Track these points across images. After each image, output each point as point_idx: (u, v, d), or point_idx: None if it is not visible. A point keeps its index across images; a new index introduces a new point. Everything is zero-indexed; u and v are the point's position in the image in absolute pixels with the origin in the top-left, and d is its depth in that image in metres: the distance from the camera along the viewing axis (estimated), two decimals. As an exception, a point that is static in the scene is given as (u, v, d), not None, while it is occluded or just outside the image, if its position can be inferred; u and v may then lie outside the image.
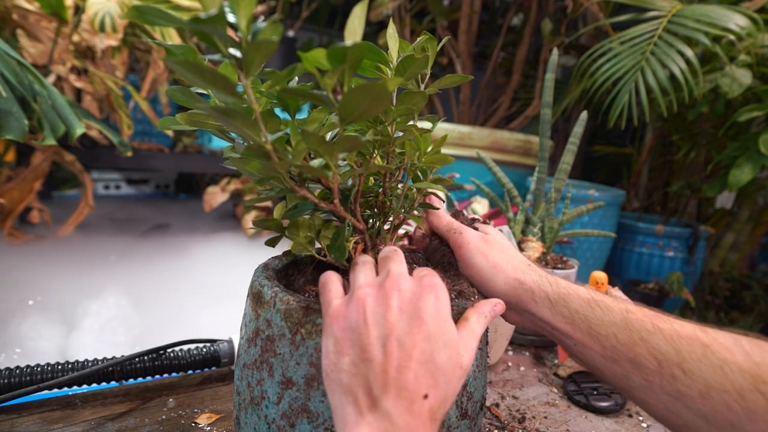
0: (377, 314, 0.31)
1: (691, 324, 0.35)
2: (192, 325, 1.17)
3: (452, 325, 0.32)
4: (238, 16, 0.26)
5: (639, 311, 0.37)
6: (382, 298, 0.31)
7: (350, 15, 0.30)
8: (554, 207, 0.81)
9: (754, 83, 1.41)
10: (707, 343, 0.33)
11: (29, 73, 1.02)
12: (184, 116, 0.37)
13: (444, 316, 0.32)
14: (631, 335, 0.36)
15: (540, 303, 0.40)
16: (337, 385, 0.30)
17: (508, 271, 0.41)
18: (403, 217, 0.46)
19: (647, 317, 0.36)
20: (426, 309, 0.31)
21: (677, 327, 0.35)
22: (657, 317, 0.36)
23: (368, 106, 0.29)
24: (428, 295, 0.32)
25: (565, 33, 2.03)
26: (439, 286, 0.33)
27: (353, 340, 0.30)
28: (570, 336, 0.39)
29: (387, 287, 0.32)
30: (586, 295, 0.39)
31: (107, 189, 2.46)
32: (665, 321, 0.36)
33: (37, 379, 0.53)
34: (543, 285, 0.40)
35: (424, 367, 0.29)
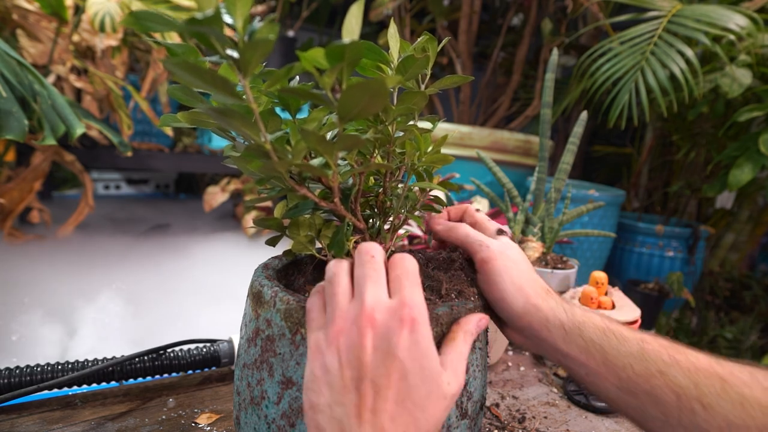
0: (351, 355, 0.29)
1: (705, 355, 0.35)
2: (192, 325, 1.17)
3: (431, 358, 0.30)
4: (235, 17, 0.26)
5: (654, 341, 0.36)
6: (356, 337, 0.30)
7: (347, 14, 0.30)
8: (554, 207, 0.81)
9: (754, 83, 1.41)
10: (724, 376, 0.33)
11: (29, 73, 1.02)
12: (184, 115, 0.37)
13: (423, 350, 0.30)
14: (648, 367, 0.35)
15: (554, 331, 0.38)
16: (314, 425, 0.29)
17: (530, 295, 0.39)
18: (403, 217, 0.46)
19: (663, 348, 0.35)
20: (401, 345, 0.29)
21: (693, 359, 0.34)
22: (672, 348, 0.35)
23: (367, 103, 0.29)
24: (403, 328, 0.30)
25: (565, 33, 2.03)
26: (417, 312, 0.30)
27: (329, 382, 0.29)
28: (583, 365, 0.37)
29: (361, 324, 0.30)
30: (601, 323, 0.38)
31: (107, 189, 2.46)
32: (681, 352, 0.35)
33: (37, 379, 0.53)
34: (558, 313, 0.38)
35: (400, 407, 0.28)
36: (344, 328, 0.30)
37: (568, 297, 0.73)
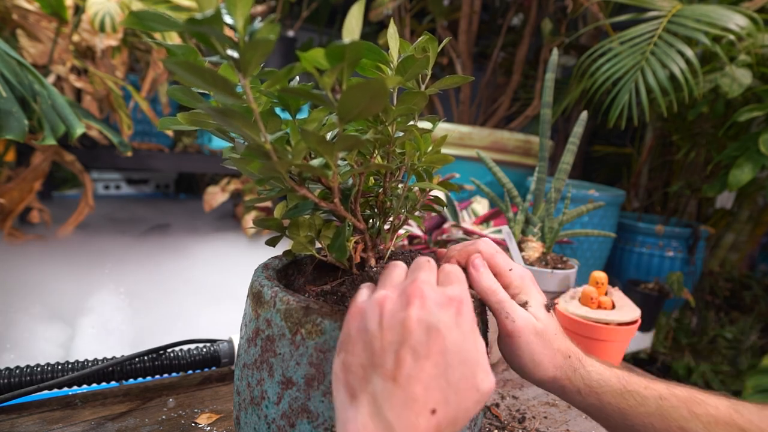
0: (395, 319, 0.29)
1: (724, 403, 0.36)
2: (192, 325, 1.17)
3: (474, 343, 0.31)
4: (235, 17, 0.26)
5: (672, 397, 0.37)
6: (403, 304, 0.30)
7: (348, 14, 0.30)
8: (554, 207, 0.81)
9: (754, 83, 1.41)
10: (744, 427, 0.34)
11: (29, 73, 1.02)
12: (184, 116, 0.37)
13: (465, 332, 0.30)
14: (669, 425, 0.36)
15: (570, 394, 0.40)
16: (343, 386, 0.29)
17: (549, 370, 0.39)
18: (403, 217, 0.46)
19: (682, 403, 0.36)
20: (446, 321, 0.29)
21: (712, 411, 0.35)
22: (691, 401, 0.36)
23: (367, 104, 0.29)
24: (450, 307, 0.30)
25: (565, 33, 2.03)
26: (464, 299, 0.31)
27: (366, 343, 0.29)
28: (601, 420, 0.39)
29: (409, 293, 0.30)
30: (618, 385, 0.38)
31: (107, 189, 2.46)
32: (700, 404, 0.36)
33: (37, 379, 0.53)
34: (575, 380, 0.39)
35: (434, 381, 0.28)
36: (392, 295, 0.31)
37: (568, 297, 0.73)
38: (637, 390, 0.37)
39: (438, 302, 0.30)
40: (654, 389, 0.37)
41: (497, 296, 0.40)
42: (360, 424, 0.27)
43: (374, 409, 0.27)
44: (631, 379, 0.38)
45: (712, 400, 0.36)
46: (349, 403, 0.28)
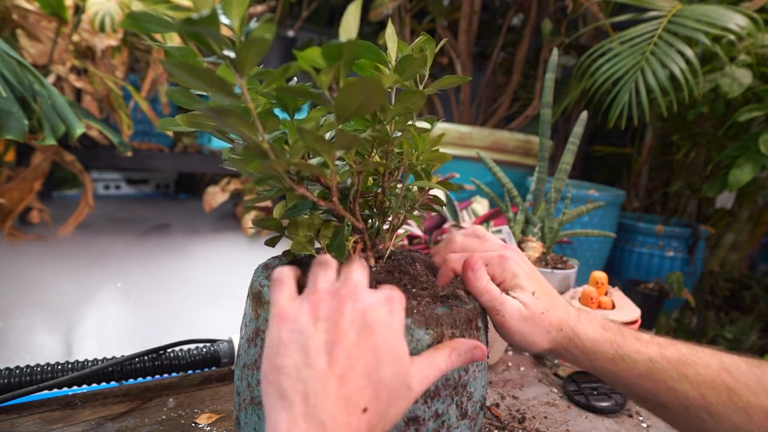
0: (329, 321, 0.30)
1: (714, 362, 0.37)
2: (192, 325, 1.17)
3: (401, 344, 0.31)
4: (231, 16, 0.26)
5: (663, 359, 0.38)
6: (337, 305, 0.30)
7: (345, 13, 0.30)
8: (554, 207, 0.81)
9: (754, 83, 1.41)
10: (732, 386, 0.35)
11: (29, 73, 1.02)
12: (183, 117, 0.37)
13: (396, 331, 0.31)
14: (658, 385, 0.38)
15: (567, 357, 0.43)
16: (274, 389, 0.29)
17: (543, 344, 0.42)
18: (402, 216, 0.46)
19: (672, 365, 0.38)
20: (378, 320, 0.30)
21: (702, 370, 0.37)
22: (681, 362, 0.38)
23: (363, 102, 0.29)
24: (382, 307, 0.31)
25: (565, 33, 2.03)
26: (396, 299, 0.32)
27: (300, 344, 0.29)
28: (599, 377, 0.42)
29: (343, 294, 0.31)
30: (611, 351, 0.40)
31: (107, 189, 2.46)
32: (689, 365, 0.37)
33: (37, 379, 0.53)
34: (570, 348, 0.42)
35: (366, 379, 0.29)
36: (325, 297, 0.31)
37: (568, 297, 0.73)
38: (628, 354, 0.39)
39: (370, 302, 0.31)
40: (645, 353, 0.39)
41: (488, 296, 0.41)
42: (292, 424, 0.27)
43: (307, 408, 0.27)
44: (624, 344, 0.40)
45: (703, 359, 0.37)
46: (281, 405, 0.28)
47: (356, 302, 0.31)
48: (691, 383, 0.37)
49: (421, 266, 0.45)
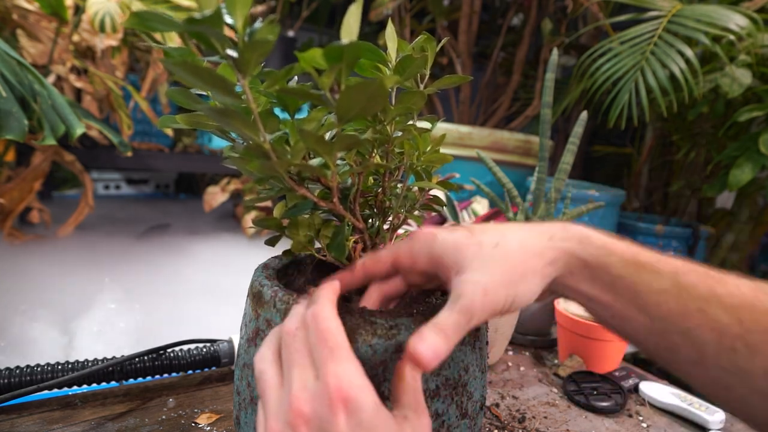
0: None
1: (748, 283, 0.30)
2: (192, 325, 1.17)
3: (382, 424, 0.26)
4: (235, 16, 0.26)
5: (691, 272, 0.31)
6: (328, 416, 0.26)
7: (346, 14, 0.30)
8: (554, 207, 0.81)
9: (754, 83, 1.41)
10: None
11: (29, 73, 1.02)
12: (183, 117, 0.37)
13: (368, 426, 0.26)
14: (686, 304, 0.30)
15: (577, 274, 0.33)
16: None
17: (538, 266, 0.32)
18: (402, 216, 0.46)
19: (701, 281, 0.30)
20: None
21: (735, 291, 0.29)
22: (710, 277, 0.30)
23: (365, 104, 0.29)
24: (338, 414, 0.26)
25: (565, 33, 2.03)
26: (347, 392, 0.26)
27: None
28: (609, 307, 0.32)
29: (293, 422, 0.26)
30: (630, 255, 0.32)
31: (107, 189, 2.46)
32: (722, 283, 0.30)
33: (37, 379, 0.53)
34: (577, 251, 0.32)
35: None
36: (275, 426, 0.27)
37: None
38: (650, 262, 0.31)
39: (322, 416, 0.26)
40: (669, 262, 0.31)
41: (451, 332, 0.30)
42: None
43: None
44: (642, 251, 0.32)
45: (731, 280, 0.30)
46: None
47: (308, 423, 0.26)
48: (724, 306, 0.29)
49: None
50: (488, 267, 0.31)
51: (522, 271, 0.32)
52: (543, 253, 0.32)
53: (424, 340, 0.29)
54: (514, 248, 0.32)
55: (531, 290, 0.32)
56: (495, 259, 0.32)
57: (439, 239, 0.33)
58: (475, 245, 0.32)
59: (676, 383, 0.67)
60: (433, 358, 0.28)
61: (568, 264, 0.33)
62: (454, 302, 0.31)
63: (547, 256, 0.32)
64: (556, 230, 0.33)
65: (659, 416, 0.62)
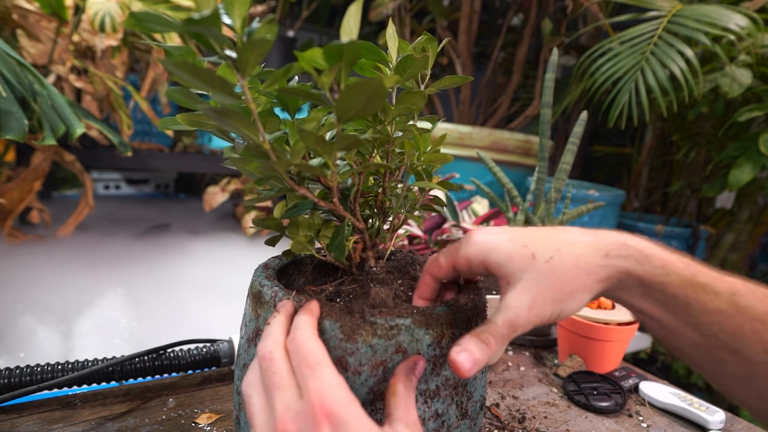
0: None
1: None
2: (192, 325, 1.17)
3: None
4: (233, 17, 0.26)
5: (749, 293, 0.30)
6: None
7: (346, 14, 0.30)
8: (554, 207, 0.81)
9: (754, 83, 1.41)
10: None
11: (29, 73, 1.02)
12: (183, 117, 0.37)
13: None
14: (741, 325, 0.29)
15: (630, 288, 0.32)
16: None
17: (588, 285, 0.32)
18: (403, 217, 0.46)
19: (759, 302, 0.30)
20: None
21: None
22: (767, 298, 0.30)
23: (365, 103, 0.29)
24: (322, 429, 0.26)
25: (565, 33, 2.03)
26: (330, 407, 0.26)
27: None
28: (659, 320, 0.32)
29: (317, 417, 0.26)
30: (688, 274, 0.31)
31: (107, 189, 2.46)
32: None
33: (37, 379, 0.53)
34: (634, 270, 0.32)
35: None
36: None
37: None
38: (707, 282, 0.31)
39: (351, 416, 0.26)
40: (727, 281, 0.31)
41: (493, 343, 0.32)
42: None
43: None
44: (700, 268, 0.32)
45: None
46: None
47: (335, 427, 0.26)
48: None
49: (421, 268, 0.45)
50: (538, 282, 0.31)
51: (571, 289, 0.32)
52: (596, 271, 0.32)
53: (467, 350, 0.30)
54: (568, 265, 0.32)
55: (577, 306, 0.32)
56: (546, 275, 0.31)
57: (495, 248, 0.33)
58: (528, 258, 0.32)
59: (676, 383, 0.67)
60: (471, 368, 0.29)
61: (621, 281, 0.32)
62: (499, 313, 0.32)
63: (600, 273, 0.32)
64: (613, 246, 0.33)
65: (659, 416, 0.62)
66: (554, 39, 1.97)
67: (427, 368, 0.34)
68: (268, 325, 0.33)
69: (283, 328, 0.32)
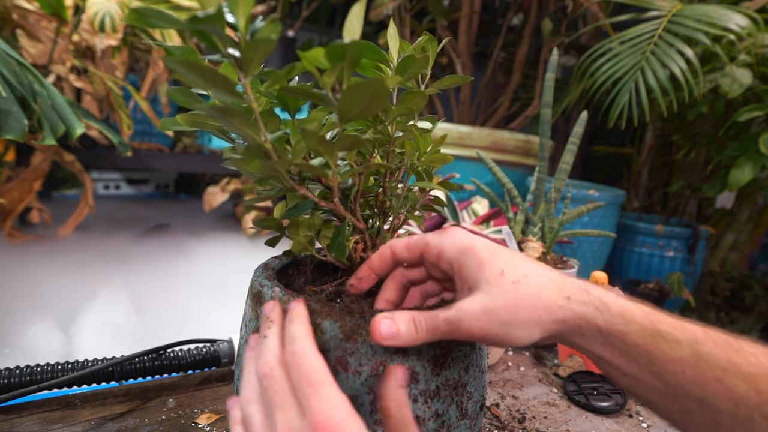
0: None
1: (764, 351, 0.30)
2: (192, 325, 1.17)
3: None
4: (237, 16, 0.26)
5: (709, 341, 0.31)
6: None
7: (349, 14, 0.30)
8: (554, 207, 0.81)
9: (754, 83, 1.41)
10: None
11: (29, 73, 1.02)
12: (184, 117, 0.37)
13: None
14: (704, 373, 0.30)
15: (589, 337, 0.32)
16: None
17: (543, 320, 0.32)
18: (403, 217, 0.46)
19: (720, 350, 0.30)
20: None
21: (753, 360, 0.30)
22: (729, 348, 0.30)
23: (367, 104, 0.29)
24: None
25: (565, 33, 2.03)
26: (331, 426, 0.26)
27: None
28: (621, 369, 0.32)
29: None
30: (648, 323, 0.31)
31: (107, 189, 2.46)
32: (739, 353, 0.30)
33: (37, 379, 0.53)
34: (592, 317, 0.32)
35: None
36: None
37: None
38: (668, 331, 0.31)
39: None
40: (688, 330, 0.31)
41: (424, 330, 0.32)
42: None
43: None
44: (660, 317, 0.32)
45: (749, 348, 0.30)
46: None
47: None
48: (743, 375, 0.29)
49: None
50: (496, 299, 0.31)
51: (525, 318, 0.31)
52: (554, 309, 0.32)
53: (393, 319, 0.30)
54: (530, 293, 0.32)
55: (525, 338, 0.32)
56: (507, 295, 0.31)
57: (472, 250, 0.33)
58: (496, 272, 0.32)
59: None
60: (387, 337, 0.29)
61: (579, 327, 0.32)
62: (447, 309, 0.31)
63: (558, 314, 0.32)
64: (576, 290, 0.33)
65: (659, 416, 0.62)
66: (554, 39, 1.97)
67: (428, 368, 0.34)
68: (264, 338, 0.32)
69: (280, 341, 0.32)
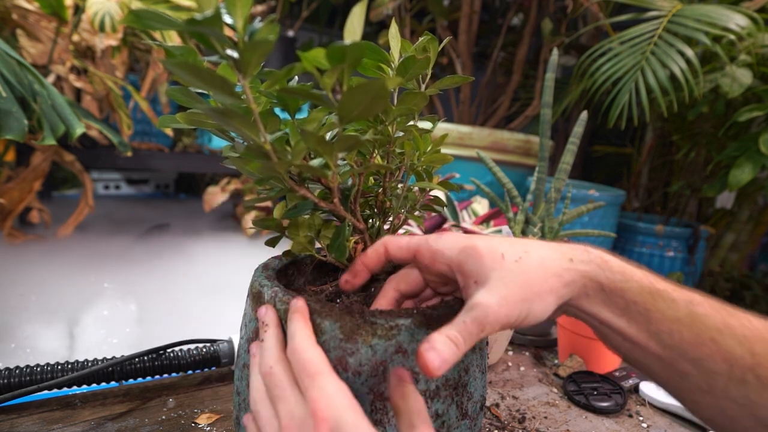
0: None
1: (757, 318, 0.31)
2: (192, 325, 1.17)
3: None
4: (235, 17, 0.26)
5: (705, 303, 0.31)
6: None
7: (349, 14, 0.30)
8: (554, 207, 0.81)
9: (755, 83, 1.41)
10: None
11: (29, 73, 1.02)
12: (183, 115, 0.37)
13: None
14: (699, 334, 0.30)
15: (593, 296, 0.33)
16: None
17: (555, 286, 0.32)
18: (403, 217, 0.46)
19: (715, 311, 0.31)
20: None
21: (747, 323, 0.30)
22: (724, 310, 0.31)
23: (368, 105, 0.29)
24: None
25: (565, 33, 2.03)
26: (329, 414, 0.27)
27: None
28: (621, 332, 0.33)
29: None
30: (647, 282, 0.32)
31: (107, 189, 2.46)
32: (734, 316, 0.31)
33: (37, 379, 0.53)
34: (595, 275, 0.32)
35: None
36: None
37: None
38: (665, 290, 0.32)
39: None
40: (684, 292, 0.32)
41: (461, 342, 0.31)
42: None
43: None
44: (657, 279, 0.33)
45: (742, 314, 0.31)
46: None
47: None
48: (737, 337, 0.29)
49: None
50: (507, 281, 0.31)
51: (539, 289, 0.32)
52: (562, 273, 0.32)
53: (434, 348, 0.29)
54: (535, 265, 0.32)
55: (545, 309, 0.32)
56: (515, 273, 0.32)
57: (468, 247, 0.33)
58: (497, 257, 0.32)
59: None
60: (440, 366, 0.29)
61: (584, 286, 0.33)
62: (468, 311, 0.31)
63: (566, 277, 0.32)
64: (577, 252, 0.34)
65: (659, 416, 0.62)
66: (554, 39, 1.97)
67: (428, 368, 0.34)
68: (262, 341, 0.34)
69: (276, 341, 0.33)
